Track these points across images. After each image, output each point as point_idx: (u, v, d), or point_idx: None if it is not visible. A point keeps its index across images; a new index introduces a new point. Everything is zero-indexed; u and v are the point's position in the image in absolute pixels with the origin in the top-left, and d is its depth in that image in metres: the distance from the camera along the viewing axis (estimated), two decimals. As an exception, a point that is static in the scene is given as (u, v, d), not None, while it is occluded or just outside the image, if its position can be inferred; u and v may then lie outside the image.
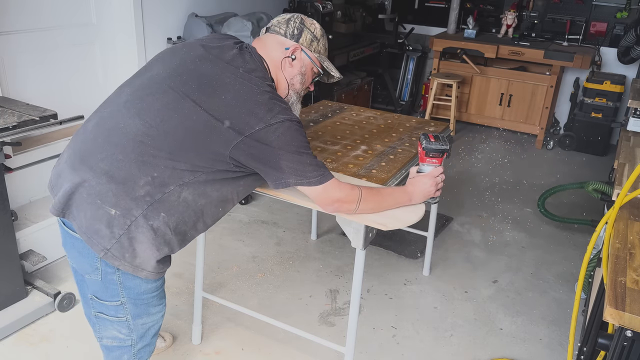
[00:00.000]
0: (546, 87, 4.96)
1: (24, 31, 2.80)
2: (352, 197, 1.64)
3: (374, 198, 1.69)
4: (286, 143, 1.52)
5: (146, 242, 1.53)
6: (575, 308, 1.75)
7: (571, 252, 3.33)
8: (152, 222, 1.51)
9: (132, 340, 1.75)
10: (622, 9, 4.99)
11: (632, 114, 2.93)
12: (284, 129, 1.51)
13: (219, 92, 1.52)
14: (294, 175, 1.55)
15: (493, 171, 4.52)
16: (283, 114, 1.53)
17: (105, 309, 1.67)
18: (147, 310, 1.71)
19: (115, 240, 1.51)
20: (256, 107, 1.51)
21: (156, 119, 1.51)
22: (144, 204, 1.49)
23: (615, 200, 1.65)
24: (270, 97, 1.54)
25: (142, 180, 1.49)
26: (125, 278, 1.59)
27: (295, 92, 1.73)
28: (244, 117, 1.50)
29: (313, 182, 1.57)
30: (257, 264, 3.04)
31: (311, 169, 1.56)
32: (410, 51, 5.58)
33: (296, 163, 1.54)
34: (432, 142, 1.77)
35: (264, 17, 3.53)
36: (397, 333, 2.56)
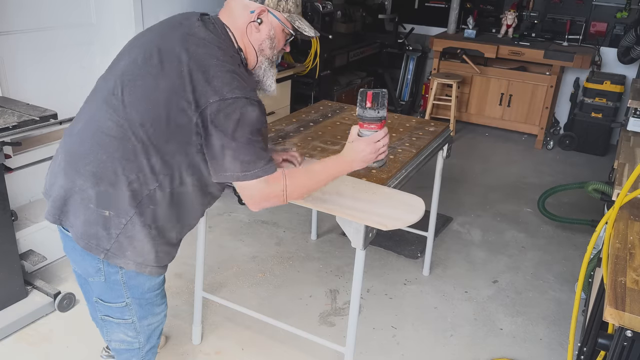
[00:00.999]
0: (546, 87, 4.96)
1: (24, 31, 2.80)
2: (279, 195, 1.54)
3: (302, 183, 1.59)
4: (236, 126, 1.43)
5: (144, 239, 1.53)
6: (575, 308, 1.75)
7: (571, 252, 3.33)
8: (147, 219, 1.51)
9: (139, 343, 1.75)
10: (622, 9, 4.98)
11: (632, 114, 2.93)
12: (236, 108, 1.42)
13: (178, 68, 1.44)
14: (233, 169, 1.47)
15: (493, 171, 4.51)
16: (241, 91, 1.44)
17: (111, 311, 1.67)
18: (151, 310, 1.72)
19: (113, 240, 1.51)
20: (214, 79, 1.43)
21: (130, 113, 1.48)
22: (136, 202, 1.49)
23: (615, 200, 1.65)
24: (229, 71, 1.45)
25: (129, 179, 1.48)
26: (129, 277, 1.60)
27: (266, 58, 1.61)
28: (201, 90, 1.42)
29: (248, 176, 1.48)
30: (257, 264, 3.04)
31: (252, 160, 1.47)
32: (410, 51, 5.58)
33: (241, 154, 1.45)
34: (367, 110, 1.56)
35: (264, 17, 3.53)
36: (397, 333, 2.56)
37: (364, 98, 1.56)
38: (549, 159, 4.90)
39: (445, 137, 2.61)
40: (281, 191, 1.53)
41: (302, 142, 2.30)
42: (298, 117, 2.66)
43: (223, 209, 3.60)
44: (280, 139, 2.32)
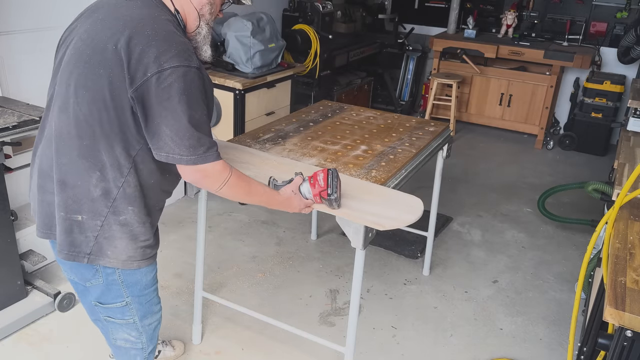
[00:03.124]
0: (546, 87, 4.96)
1: (24, 31, 2.79)
2: (219, 181, 1.50)
3: (239, 190, 1.57)
4: (175, 100, 1.34)
5: (124, 237, 1.52)
6: (575, 308, 1.75)
7: (571, 252, 3.33)
8: (121, 217, 1.50)
9: (142, 344, 1.76)
10: (622, 9, 4.98)
11: (632, 114, 2.93)
12: (175, 78, 1.33)
13: (112, 48, 1.37)
14: (168, 144, 1.38)
15: (493, 171, 4.52)
16: (180, 59, 1.34)
17: (112, 312, 1.67)
18: (150, 308, 1.72)
19: (92, 243, 1.50)
20: (149, 49, 1.33)
21: (78, 110, 1.43)
22: (107, 202, 1.47)
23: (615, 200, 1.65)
24: (164, 38, 1.36)
25: (93, 179, 1.45)
26: (126, 276, 1.60)
27: (206, 23, 1.55)
28: (135, 65, 1.34)
29: (184, 160, 1.41)
30: (257, 264, 3.04)
31: (193, 143, 1.39)
32: (410, 51, 5.58)
33: (179, 130, 1.37)
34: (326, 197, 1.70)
35: (264, 17, 3.53)
36: (397, 333, 2.56)
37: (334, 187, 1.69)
38: (549, 159, 4.90)
39: (445, 137, 2.61)
40: (221, 182, 1.50)
41: (302, 142, 2.31)
42: (298, 117, 2.66)
43: (223, 209, 3.60)
44: (280, 139, 2.32)
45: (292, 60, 4.26)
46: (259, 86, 3.49)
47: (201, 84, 1.41)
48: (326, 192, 1.68)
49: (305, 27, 4.28)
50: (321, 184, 1.68)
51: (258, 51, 3.40)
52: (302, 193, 1.72)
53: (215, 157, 1.45)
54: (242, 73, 3.43)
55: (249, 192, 1.61)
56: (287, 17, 4.52)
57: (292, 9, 4.47)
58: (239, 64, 3.43)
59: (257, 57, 3.42)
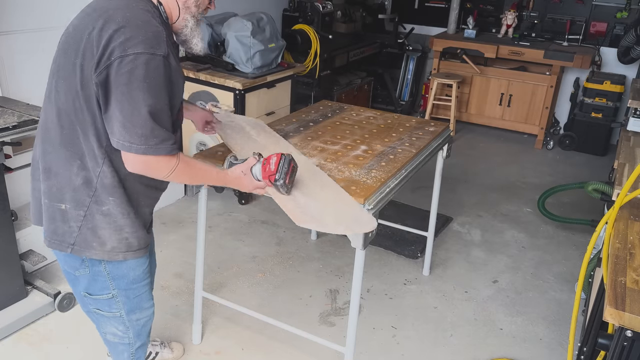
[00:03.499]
0: (546, 87, 4.96)
1: (24, 31, 2.80)
2: (165, 171, 1.49)
3: (187, 174, 1.57)
4: (133, 83, 1.32)
5: (108, 228, 1.53)
6: (575, 308, 1.75)
7: (571, 252, 3.33)
8: (104, 207, 1.51)
9: (129, 339, 1.77)
10: (622, 9, 4.98)
11: (632, 114, 2.93)
12: (137, 64, 1.32)
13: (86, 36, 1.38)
14: (120, 131, 1.36)
15: (493, 171, 4.52)
16: (146, 46, 1.33)
17: (100, 304, 1.68)
18: (139, 304, 1.73)
19: (76, 234, 1.52)
20: (117, 34, 1.33)
21: (59, 100, 1.46)
22: (89, 191, 1.49)
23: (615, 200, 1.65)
24: (136, 25, 1.35)
25: (74, 167, 1.47)
26: (112, 268, 1.61)
27: (192, 16, 1.54)
28: (102, 50, 1.34)
29: (133, 148, 1.39)
30: (257, 264, 3.04)
31: (145, 132, 1.36)
32: (410, 51, 5.58)
33: (133, 117, 1.34)
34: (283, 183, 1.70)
35: (264, 17, 3.53)
36: (397, 333, 2.56)
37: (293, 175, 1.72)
38: (549, 159, 4.90)
39: (445, 137, 2.61)
40: (166, 171, 1.48)
41: (302, 142, 2.31)
42: (298, 117, 2.66)
43: (223, 209, 3.60)
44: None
45: (292, 60, 4.26)
46: (259, 86, 3.49)
47: (166, 73, 1.38)
48: (274, 177, 1.67)
49: (305, 27, 4.28)
50: (271, 168, 1.67)
51: (258, 51, 3.40)
52: (253, 174, 1.71)
53: (168, 150, 1.43)
54: (242, 73, 3.43)
55: (194, 178, 1.65)
56: (287, 17, 4.52)
57: (292, 9, 4.48)
58: (239, 64, 3.43)
59: (257, 57, 3.42)
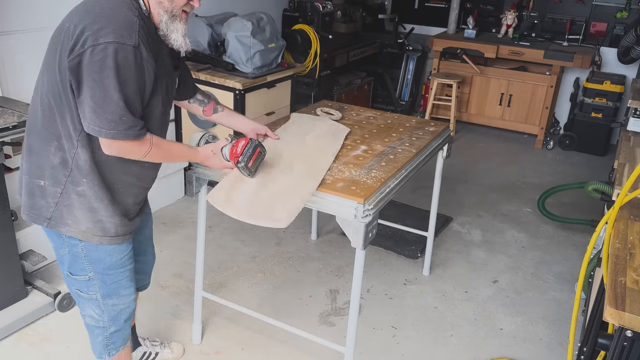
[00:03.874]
0: (546, 87, 4.96)
1: (24, 31, 2.80)
2: (139, 154, 1.57)
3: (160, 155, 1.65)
4: (103, 73, 1.39)
5: (83, 208, 1.59)
6: (575, 308, 1.75)
7: (571, 252, 3.33)
8: (79, 188, 1.57)
9: (104, 322, 1.79)
10: (622, 9, 4.98)
11: (632, 114, 2.93)
12: (107, 54, 1.38)
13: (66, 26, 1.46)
14: (91, 116, 1.43)
15: (493, 171, 4.51)
16: (116, 36, 1.39)
17: (79, 285, 1.73)
18: (117, 290, 1.75)
19: (52, 209, 1.59)
20: (91, 25, 1.40)
21: (42, 85, 1.55)
22: (65, 171, 1.56)
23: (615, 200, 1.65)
24: (109, 15, 1.42)
25: (52, 147, 1.55)
26: (88, 250, 1.65)
27: (165, 11, 1.56)
28: (76, 39, 1.41)
29: (103, 133, 1.46)
30: (257, 264, 3.04)
31: (113, 119, 1.43)
32: (410, 51, 5.58)
33: (103, 103, 1.41)
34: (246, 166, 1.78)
35: (264, 17, 3.53)
36: (397, 333, 2.56)
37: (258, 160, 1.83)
38: (549, 159, 4.90)
39: (445, 137, 2.61)
40: (140, 154, 1.57)
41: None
42: (298, 117, 2.65)
43: (223, 209, 3.60)
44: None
45: (292, 60, 4.26)
46: (259, 86, 3.49)
47: (136, 62, 1.43)
48: (237, 159, 1.77)
49: (305, 27, 4.28)
50: (237, 151, 1.77)
51: (258, 51, 3.40)
52: (223, 154, 1.81)
53: (135, 136, 1.50)
54: (242, 73, 3.43)
55: (168, 157, 1.73)
56: (287, 17, 4.52)
57: (292, 9, 4.47)
58: (239, 64, 3.43)
59: (257, 57, 3.42)
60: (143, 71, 1.47)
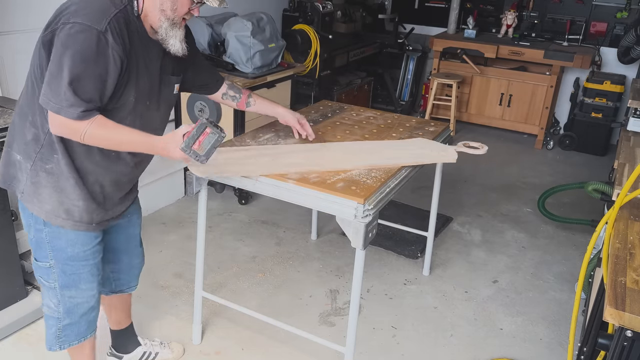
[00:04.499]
0: (546, 87, 4.96)
1: (24, 31, 2.79)
2: (77, 134, 1.52)
3: (104, 138, 1.55)
4: (65, 50, 1.43)
5: (48, 187, 1.61)
6: (575, 308, 1.75)
7: (571, 252, 3.33)
8: (48, 165, 1.60)
9: (59, 313, 1.79)
10: (622, 9, 4.98)
11: (632, 114, 2.93)
12: (73, 32, 1.43)
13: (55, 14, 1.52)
14: (45, 87, 1.47)
15: (493, 171, 4.51)
16: (89, 17, 1.44)
17: (41, 271, 1.74)
18: (76, 283, 1.75)
19: (22, 184, 1.63)
20: (70, 7, 1.48)
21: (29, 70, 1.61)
22: (36, 147, 1.59)
23: (615, 200, 1.65)
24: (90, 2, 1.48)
25: (27, 122, 1.60)
26: (52, 237, 1.67)
27: (166, 18, 1.58)
28: (53, 19, 1.50)
29: (50, 105, 1.47)
30: (257, 264, 3.04)
31: (60, 94, 1.44)
32: (410, 51, 5.58)
33: (56, 81, 1.45)
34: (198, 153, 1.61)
35: (264, 17, 3.53)
36: (397, 333, 2.56)
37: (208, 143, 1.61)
38: (549, 159, 4.90)
39: (445, 137, 2.61)
40: (79, 135, 1.51)
41: (302, 142, 2.30)
42: (298, 117, 2.65)
43: (223, 209, 3.60)
44: (280, 139, 2.32)
45: (292, 60, 4.26)
46: (259, 86, 3.49)
47: (99, 47, 1.44)
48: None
49: (305, 27, 4.27)
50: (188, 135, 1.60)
51: (258, 51, 3.40)
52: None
53: (74, 116, 1.47)
54: (242, 73, 3.43)
55: (112, 141, 1.58)
56: (287, 17, 4.52)
57: (292, 9, 4.47)
58: (239, 64, 3.43)
59: (257, 57, 3.42)
60: (107, 58, 1.47)
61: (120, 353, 2.22)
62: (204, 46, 3.56)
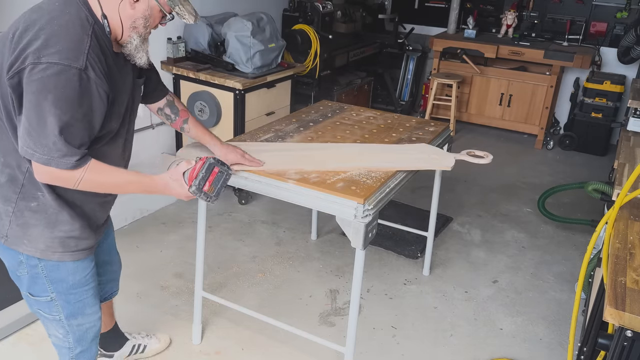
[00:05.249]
0: (546, 87, 4.96)
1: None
2: (71, 183, 1.44)
3: (101, 183, 1.50)
4: (42, 96, 1.30)
5: (38, 225, 1.52)
6: (575, 308, 1.75)
7: (571, 252, 3.33)
8: (32, 204, 1.50)
9: (69, 344, 1.74)
10: (622, 9, 4.98)
11: (632, 114, 2.93)
12: (48, 75, 1.30)
13: (8, 37, 1.38)
14: (25, 137, 1.34)
15: (493, 171, 4.51)
16: (60, 57, 1.30)
17: (40, 305, 1.66)
18: (82, 309, 1.69)
19: (7, 228, 1.52)
20: (34, 41, 1.32)
21: None
22: (15, 188, 1.49)
23: (615, 200, 1.65)
24: (56, 34, 1.33)
25: (0, 161, 1.49)
26: (49, 270, 1.58)
27: (138, 34, 1.51)
28: (18, 54, 1.32)
29: (36, 157, 1.35)
30: (257, 264, 3.04)
31: (48, 144, 1.33)
32: (410, 51, 5.58)
33: (38, 126, 1.32)
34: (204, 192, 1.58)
35: (264, 17, 3.53)
36: (397, 333, 2.56)
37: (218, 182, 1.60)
38: (549, 159, 4.90)
39: (445, 137, 2.61)
40: (72, 183, 1.43)
41: (302, 142, 2.31)
42: (298, 117, 2.66)
43: (223, 209, 3.60)
44: (280, 139, 2.32)
45: (292, 60, 4.26)
46: (259, 86, 3.49)
47: (81, 86, 1.34)
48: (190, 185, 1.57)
49: (305, 27, 4.27)
50: (194, 175, 1.57)
51: (258, 51, 3.40)
52: (185, 181, 1.59)
53: (69, 166, 1.38)
54: (242, 73, 3.43)
55: (109, 187, 1.55)
56: (287, 17, 4.52)
57: (292, 9, 4.47)
58: (239, 64, 3.43)
59: (257, 57, 3.42)
60: (91, 96, 1.37)
61: (110, 352, 2.22)
62: (204, 46, 3.56)
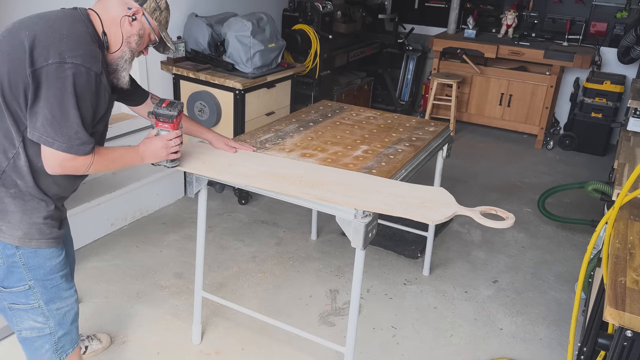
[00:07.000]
0: (546, 87, 4.96)
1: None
2: (83, 168, 1.61)
3: (103, 165, 1.67)
4: (64, 90, 1.47)
5: (17, 212, 1.59)
6: (575, 308, 1.75)
7: (571, 252, 3.33)
8: (12, 190, 1.57)
9: (50, 328, 1.76)
10: (622, 9, 4.99)
11: (632, 114, 2.93)
12: (73, 73, 1.48)
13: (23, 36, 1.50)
14: (46, 127, 1.48)
15: (493, 171, 4.51)
16: (84, 60, 1.49)
17: (16, 297, 1.68)
18: (58, 293, 1.74)
19: None
20: (58, 43, 1.48)
21: None
22: None
23: (615, 200, 1.65)
24: (77, 39, 1.51)
25: None
26: (27, 258, 1.64)
27: (130, 49, 1.68)
28: (40, 51, 1.47)
29: (56, 145, 1.50)
30: (257, 264, 3.04)
31: (66, 132, 1.50)
32: (410, 51, 5.58)
33: (59, 122, 1.48)
34: (161, 108, 1.78)
35: (264, 17, 3.53)
36: (397, 333, 2.56)
37: (162, 100, 1.81)
38: (549, 159, 4.90)
39: (445, 137, 2.61)
40: (84, 168, 1.61)
41: (302, 142, 2.31)
42: (298, 117, 2.66)
43: (223, 209, 3.60)
44: (280, 139, 2.32)
45: (292, 60, 4.26)
46: (259, 86, 3.49)
47: (96, 89, 1.55)
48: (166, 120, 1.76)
49: (305, 27, 4.28)
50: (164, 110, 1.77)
51: (258, 51, 3.40)
52: (157, 134, 1.80)
53: (86, 152, 1.56)
54: (242, 73, 3.43)
55: (111, 166, 1.72)
56: (287, 17, 4.52)
57: (292, 9, 4.47)
58: (239, 64, 3.43)
59: (257, 57, 3.42)
60: (99, 97, 1.58)
61: None
62: (204, 46, 3.56)
